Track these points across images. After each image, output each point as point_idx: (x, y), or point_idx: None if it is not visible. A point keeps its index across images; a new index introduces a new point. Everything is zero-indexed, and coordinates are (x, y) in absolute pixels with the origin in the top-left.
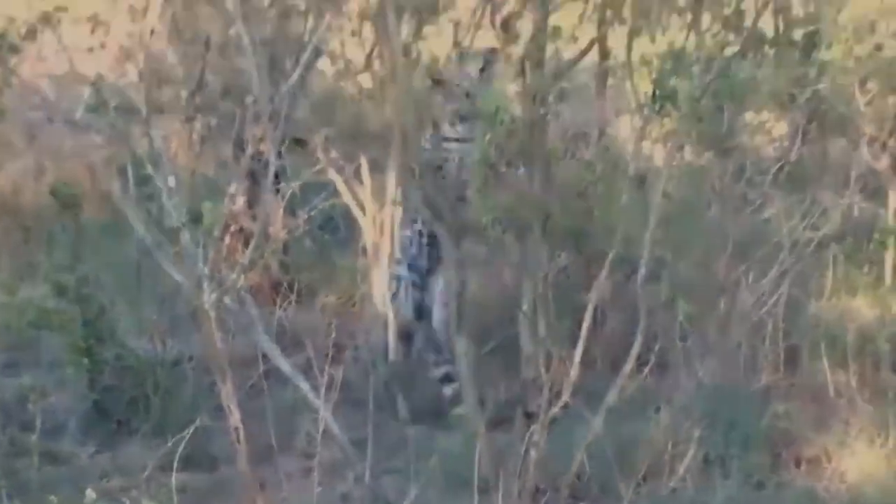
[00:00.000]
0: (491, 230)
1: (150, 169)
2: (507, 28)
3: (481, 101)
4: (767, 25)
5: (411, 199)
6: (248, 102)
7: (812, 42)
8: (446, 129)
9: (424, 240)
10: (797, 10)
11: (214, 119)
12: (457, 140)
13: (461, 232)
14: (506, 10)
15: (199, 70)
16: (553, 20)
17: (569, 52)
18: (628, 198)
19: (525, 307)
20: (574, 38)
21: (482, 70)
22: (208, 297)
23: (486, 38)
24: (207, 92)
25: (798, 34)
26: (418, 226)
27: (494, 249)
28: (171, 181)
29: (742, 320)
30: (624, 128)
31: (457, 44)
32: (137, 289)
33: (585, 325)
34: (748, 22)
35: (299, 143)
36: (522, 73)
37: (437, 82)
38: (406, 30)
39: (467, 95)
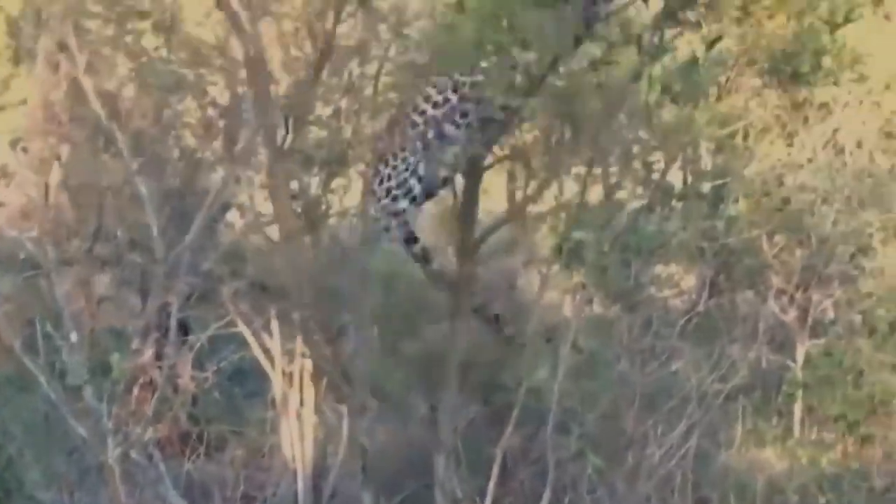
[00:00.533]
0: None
1: (50, 326)
2: None
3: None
4: (676, 178)
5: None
6: (156, 255)
7: (720, 195)
8: None
9: None
10: (705, 164)
11: (121, 271)
12: None
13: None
14: None
15: (98, 223)
16: None
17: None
18: (538, 350)
19: (437, 459)
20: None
21: None
22: (112, 453)
23: None
24: (114, 244)
25: (706, 187)
26: None
27: (402, 402)
28: (74, 336)
29: (651, 473)
30: (533, 279)
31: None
32: (46, 440)
33: (493, 477)
34: (656, 175)
35: (208, 295)
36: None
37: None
38: (316, 182)
39: None
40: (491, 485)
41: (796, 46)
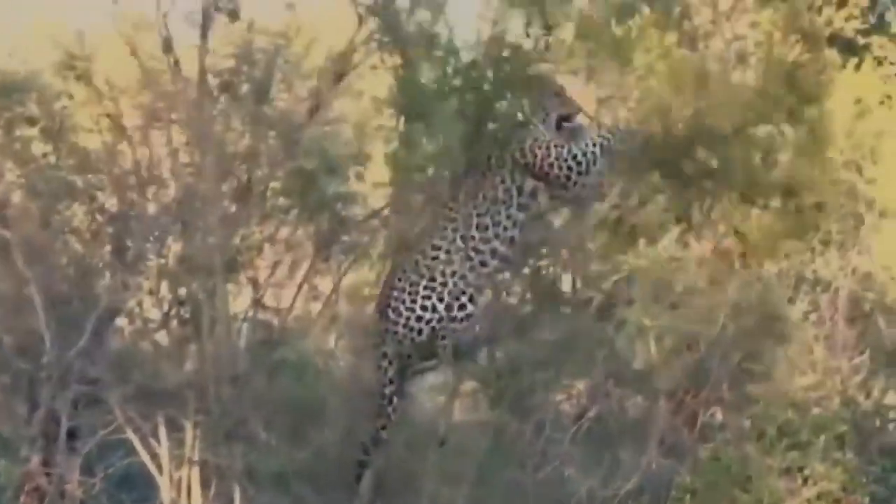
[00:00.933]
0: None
1: None
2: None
3: None
4: (565, 284)
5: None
6: (43, 361)
7: (609, 300)
8: None
9: None
10: (595, 268)
11: (8, 378)
12: None
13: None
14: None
15: None
16: None
17: None
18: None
19: None
20: None
21: None
22: None
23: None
24: (1, 351)
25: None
26: None
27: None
28: None
29: None
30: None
31: (256, 301)
32: None
33: None
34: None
35: (96, 401)
36: None
37: None
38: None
39: None
40: None
41: None
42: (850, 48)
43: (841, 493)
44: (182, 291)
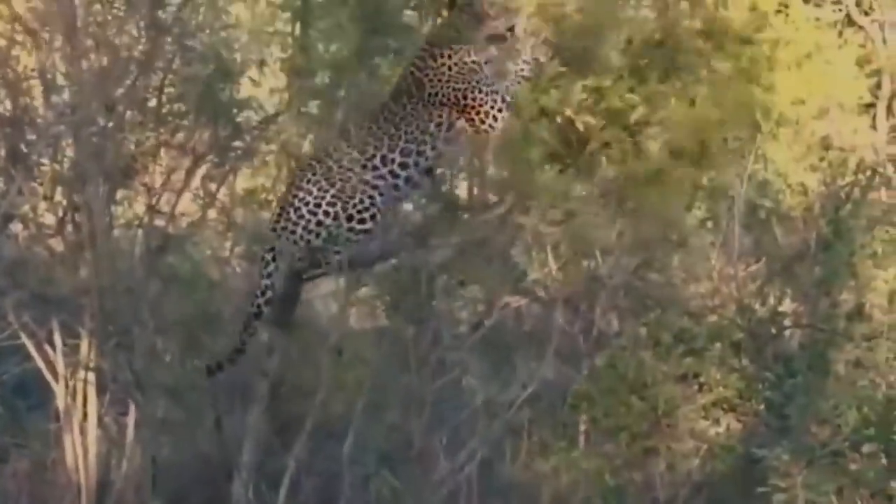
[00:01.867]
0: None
1: None
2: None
3: None
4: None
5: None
6: None
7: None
8: None
9: None
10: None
11: None
12: None
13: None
14: None
15: None
16: None
17: None
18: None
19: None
20: None
21: None
22: None
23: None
24: None
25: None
26: None
27: (191, 412)
28: None
29: (439, 486)
30: (321, 290)
31: (150, 207)
32: None
33: (284, 488)
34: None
35: None
36: None
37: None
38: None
39: None
40: (282, 496)
41: None
42: None
43: (737, 399)
44: (77, 197)
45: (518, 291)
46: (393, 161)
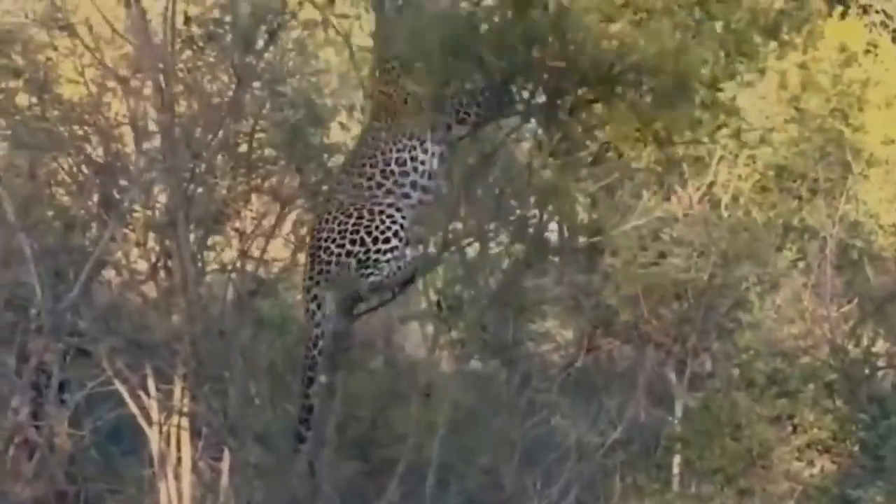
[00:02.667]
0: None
1: None
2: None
3: None
4: (552, 234)
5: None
6: (31, 314)
7: (596, 249)
8: None
9: None
10: (581, 218)
11: None
12: None
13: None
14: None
15: None
16: None
17: None
18: (418, 405)
19: None
20: None
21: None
22: None
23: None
24: None
25: (582, 242)
26: None
27: (282, 457)
28: None
29: None
30: (412, 335)
31: (242, 252)
32: None
33: None
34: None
35: (84, 354)
36: None
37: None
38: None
39: None
40: None
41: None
42: None
43: (831, 440)
44: (169, 243)
45: (609, 333)
46: (393, 173)
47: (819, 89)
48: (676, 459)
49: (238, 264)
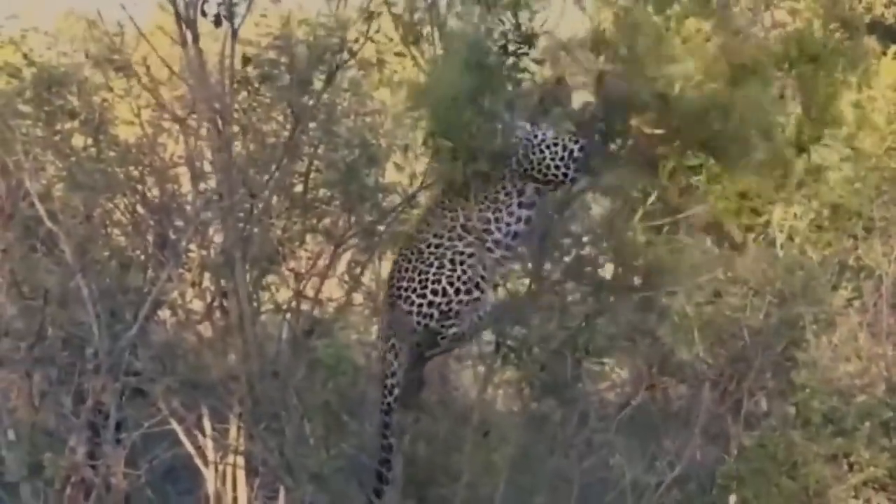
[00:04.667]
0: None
1: None
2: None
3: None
4: (607, 270)
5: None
6: (87, 354)
7: (652, 287)
8: None
9: None
10: (637, 255)
11: (54, 371)
12: None
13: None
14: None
15: (39, 322)
16: None
17: None
18: (474, 444)
19: None
20: None
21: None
22: None
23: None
24: (47, 343)
25: (638, 279)
26: None
27: (337, 497)
28: (11, 434)
29: None
30: (467, 375)
31: (297, 293)
32: None
33: None
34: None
35: (140, 393)
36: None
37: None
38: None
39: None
40: None
41: None
42: (890, 35)
43: (887, 479)
44: (225, 283)
45: (665, 371)
46: (475, 228)
47: (874, 127)
48: (732, 499)
49: (293, 304)
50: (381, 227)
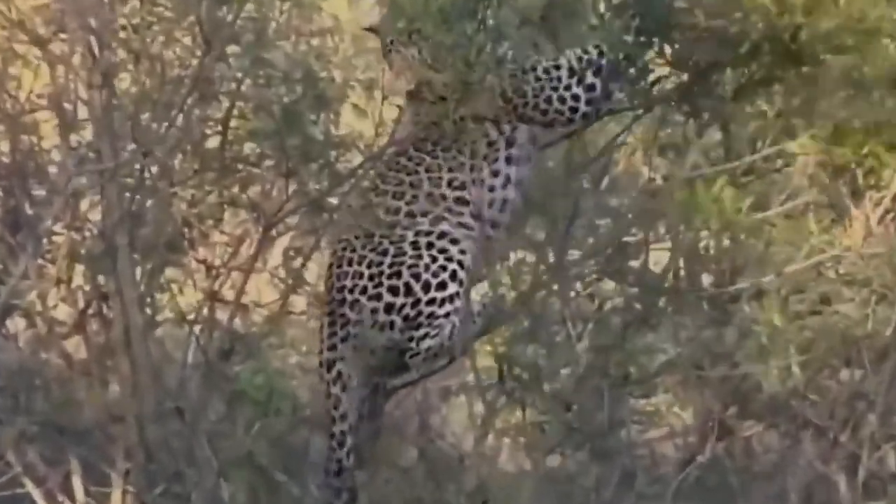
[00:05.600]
0: None
1: None
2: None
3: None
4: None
5: None
6: None
7: (730, 293)
8: None
9: None
10: (708, 247)
11: None
12: None
13: None
14: None
15: None
16: None
17: None
18: None
19: None
20: None
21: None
22: None
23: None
24: None
25: (708, 280)
26: None
27: None
28: None
29: None
30: (457, 416)
31: (210, 295)
32: None
33: None
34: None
35: None
36: None
37: None
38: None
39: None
40: None
41: None
42: None
43: None
44: (104, 281)
45: (747, 413)
46: (445, 197)
47: None
48: None
49: (204, 311)
50: (334, 200)
